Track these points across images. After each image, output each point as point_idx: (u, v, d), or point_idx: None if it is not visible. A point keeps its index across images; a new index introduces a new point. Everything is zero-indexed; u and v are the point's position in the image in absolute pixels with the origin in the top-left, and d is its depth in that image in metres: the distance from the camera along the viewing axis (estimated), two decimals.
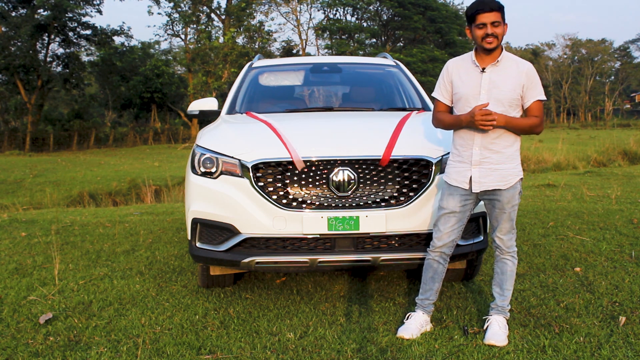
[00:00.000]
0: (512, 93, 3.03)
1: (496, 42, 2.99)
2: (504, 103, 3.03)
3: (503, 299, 3.18)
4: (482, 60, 3.08)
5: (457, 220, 3.15)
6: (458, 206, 3.13)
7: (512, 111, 3.06)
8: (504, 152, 3.06)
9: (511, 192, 3.07)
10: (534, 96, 3.06)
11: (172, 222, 6.83)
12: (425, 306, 3.27)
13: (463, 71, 3.13)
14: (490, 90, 3.03)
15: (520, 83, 3.04)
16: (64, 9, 33.43)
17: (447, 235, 3.16)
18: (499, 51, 3.07)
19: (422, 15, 43.72)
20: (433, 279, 3.25)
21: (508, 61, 3.08)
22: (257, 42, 39.03)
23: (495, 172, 3.05)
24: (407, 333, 3.13)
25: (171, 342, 3.13)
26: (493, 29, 2.97)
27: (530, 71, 3.07)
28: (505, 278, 3.17)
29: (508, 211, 3.09)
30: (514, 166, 3.09)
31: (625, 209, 6.66)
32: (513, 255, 3.18)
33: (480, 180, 3.07)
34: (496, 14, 2.97)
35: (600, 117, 65.42)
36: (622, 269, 4.26)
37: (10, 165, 20.54)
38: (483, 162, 3.06)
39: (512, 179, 3.07)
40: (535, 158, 14.86)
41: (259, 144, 3.50)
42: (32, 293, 4.02)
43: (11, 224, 6.80)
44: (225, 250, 3.43)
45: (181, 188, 11.76)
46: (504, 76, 3.04)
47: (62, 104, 50.15)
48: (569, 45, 70.49)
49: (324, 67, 5.41)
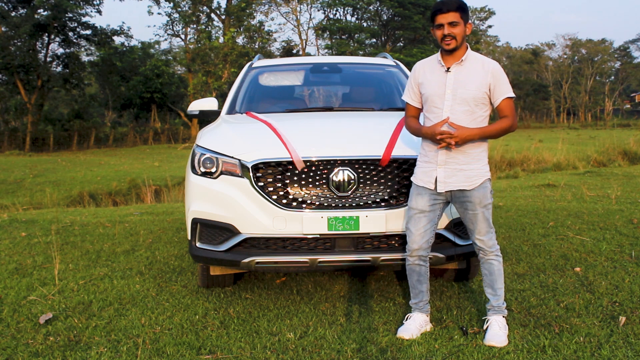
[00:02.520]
0: (477, 92, 3.03)
1: (455, 42, 3.01)
2: (469, 102, 3.03)
3: (497, 298, 3.17)
4: (446, 60, 3.09)
5: (428, 221, 3.14)
6: (427, 206, 3.12)
7: (479, 110, 3.05)
8: (470, 152, 3.06)
9: (481, 192, 3.06)
10: (502, 94, 3.05)
11: (172, 222, 6.83)
12: (421, 307, 3.27)
13: (429, 71, 3.15)
14: (455, 90, 3.04)
15: (486, 82, 3.03)
16: (64, 9, 33.42)
17: (420, 237, 3.15)
18: (462, 51, 3.07)
19: (422, 15, 43.71)
20: (420, 281, 3.25)
21: (473, 60, 3.09)
22: (257, 42, 39.04)
23: (461, 173, 3.06)
24: (407, 333, 3.13)
25: (171, 342, 3.13)
26: (450, 29, 2.99)
27: (496, 70, 3.05)
28: (494, 278, 3.15)
29: (481, 211, 3.07)
30: (481, 166, 3.08)
31: (625, 209, 6.66)
32: (497, 254, 3.15)
33: (446, 181, 3.07)
34: (454, 14, 2.98)
35: (600, 117, 65.40)
36: (622, 269, 4.26)
37: (10, 165, 20.53)
38: (449, 162, 3.07)
39: (477, 179, 3.06)
40: (535, 158, 14.86)
41: (259, 144, 3.50)
42: (32, 293, 4.02)
43: (11, 224, 6.80)
44: (225, 250, 3.43)
45: (181, 188, 11.77)
46: (469, 75, 3.05)
47: (62, 104, 50.12)
48: (569, 45, 70.49)
49: (324, 67, 5.41)
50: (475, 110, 3.04)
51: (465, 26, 3.02)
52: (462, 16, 3.00)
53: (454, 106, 3.04)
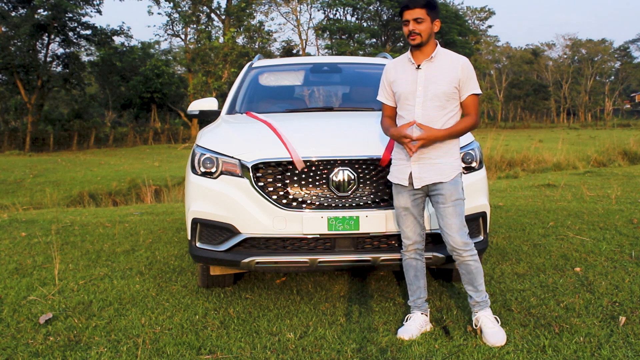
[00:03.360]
0: (448, 87, 3.04)
1: (419, 38, 3.02)
2: (441, 98, 3.05)
3: (479, 294, 3.15)
4: (416, 57, 3.11)
5: (414, 216, 3.18)
6: (409, 202, 3.15)
7: (450, 105, 3.07)
8: (442, 146, 3.08)
9: (452, 186, 3.07)
10: (468, 90, 3.07)
11: (172, 222, 6.83)
12: (420, 305, 3.28)
13: (400, 70, 3.17)
14: (426, 86, 3.06)
15: (456, 77, 3.04)
16: (64, 9, 33.43)
17: (412, 232, 3.19)
18: (431, 47, 3.09)
19: None
20: (417, 277, 3.27)
21: (443, 56, 3.10)
22: (257, 42, 39.06)
23: (435, 167, 3.07)
24: (407, 334, 3.13)
25: (171, 342, 3.13)
26: (415, 26, 3.01)
27: (465, 65, 3.06)
28: (473, 277, 3.12)
29: (452, 205, 3.07)
30: (453, 160, 3.10)
31: (625, 209, 6.66)
32: (472, 254, 3.08)
33: (421, 176, 3.09)
34: (420, 10, 2.99)
35: (600, 117, 65.45)
36: (622, 269, 4.26)
37: (10, 165, 20.54)
38: (422, 157, 3.08)
39: (451, 172, 3.07)
40: (535, 158, 14.86)
41: (259, 144, 3.49)
42: (32, 293, 4.02)
43: (11, 224, 6.80)
44: (225, 250, 3.43)
45: (181, 188, 11.77)
46: (439, 71, 3.06)
47: (62, 104, 50.15)
48: (569, 45, 70.53)
49: (324, 67, 5.41)
50: (447, 106, 3.07)
51: (432, 23, 3.03)
52: (428, 13, 3.01)
53: (426, 102, 3.06)
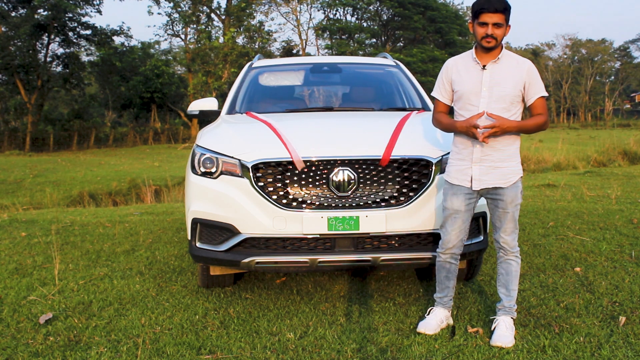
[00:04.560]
0: (514, 90, 3.03)
1: (495, 42, 3.00)
2: (506, 100, 3.03)
3: (510, 299, 3.16)
4: (482, 58, 3.08)
5: (462, 221, 3.16)
6: (463, 205, 3.13)
7: (513, 108, 3.05)
8: (504, 150, 3.06)
9: (514, 191, 3.07)
10: (536, 93, 3.05)
11: (172, 222, 6.83)
12: (445, 303, 3.30)
13: (463, 69, 3.13)
14: (491, 88, 3.03)
15: (522, 80, 3.04)
16: (63, 9, 33.42)
17: (456, 236, 3.18)
18: (499, 49, 3.07)
19: (422, 15, 43.73)
20: (447, 277, 3.28)
21: (508, 58, 3.08)
22: (257, 42, 39.04)
23: (496, 170, 3.06)
24: (429, 329, 3.17)
25: (171, 342, 3.13)
26: (494, 30, 2.96)
27: (531, 68, 3.07)
28: (510, 279, 3.16)
29: (511, 211, 3.08)
30: (515, 164, 3.09)
31: (625, 209, 6.66)
32: (517, 255, 3.17)
33: (481, 178, 3.07)
34: (500, 15, 2.95)
35: (600, 117, 65.44)
36: (622, 269, 4.26)
37: (10, 165, 20.53)
38: (483, 159, 3.06)
39: (512, 177, 3.07)
40: (535, 158, 14.86)
41: (259, 144, 3.49)
42: (32, 293, 4.02)
43: (11, 224, 6.80)
44: (225, 250, 3.43)
45: (181, 188, 11.76)
46: (505, 73, 3.04)
47: (62, 104, 50.13)
48: (569, 45, 70.50)
49: (324, 67, 5.41)
50: (511, 108, 3.05)
51: (506, 27, 3.01)
52: (506, 18, 2.99)
53: (490, 103, 3.03)
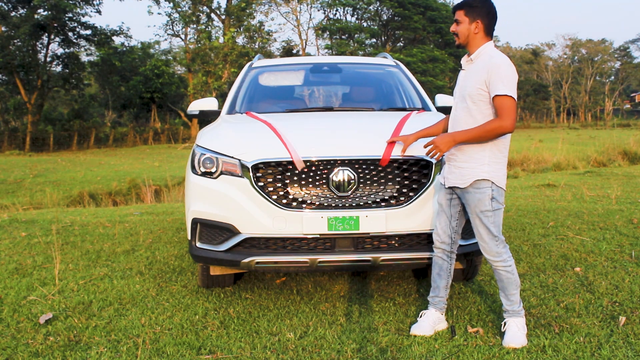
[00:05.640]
0: (473, 89, 2.97)
1: (457, 40, 3.09)
2: (466, 100, 3.01)
3: (510, 303, 3.09)
4: (465, 59, 3.14)
5: (447, 217, 3.18)
6: (444, 200, 3.20)
7: (477, 108, 2.97)
8: (466, 150, 3.03)
9: (476, 195, 2.98)
10: (493, 91, 2.90)
11: (172, 222, 6.83)
12: (436, 303, 3.29)
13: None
14: (462, 88, 3.08)
15: (481, 78, 2.94)
16: (63, 9, 33.42)
17: (442, 231, 3.21)
18: (474, 48, 3.04)
19: (422, 15, 43.72)
20: (439, 275, 3.27)
21: (483, 57, 3.01)
22: (257, 42, 39.07)
23: (457, 170, 3.07)
24: (420, 331, 3.16)
25: (171, 342, 3.13)
26: (455, 27, 3.08)
27: (492, 65, 2.90)
28: (503, 285, 3.08)
29: (477, 216, 3.01)
30: (476, 166, 2.99)
31: (625, 209, 6.66)
32: (503, 264, 3.03)
33: (447, 177, 3.15)
34: (458, 12, 3.06)
35: (600, 117, 65.44)
36: (622, 269, 4.26)
37: (10, 165, 20.54)
38: (450, 158, 3.13)
39: (469, 178, 2.99)
40: (535, 158, 14.87)
41: (259, 144, 3.49)
42: (32, 293, 4.02)
43: (11, 224, 6.80)
44: (225, 250, 3.43)
45: (181, 188, 11.76)
46: (473, 72, 3.03)
47: (62, 104, 50.13)
48: (569, 45, 70.53)
49: (324, 67, 5.41)
50: (472, 108, 2.98)
51: (471, 24, 3.00)
52: (466, 14, 3.00)
53: (457, 104, 3.09)
